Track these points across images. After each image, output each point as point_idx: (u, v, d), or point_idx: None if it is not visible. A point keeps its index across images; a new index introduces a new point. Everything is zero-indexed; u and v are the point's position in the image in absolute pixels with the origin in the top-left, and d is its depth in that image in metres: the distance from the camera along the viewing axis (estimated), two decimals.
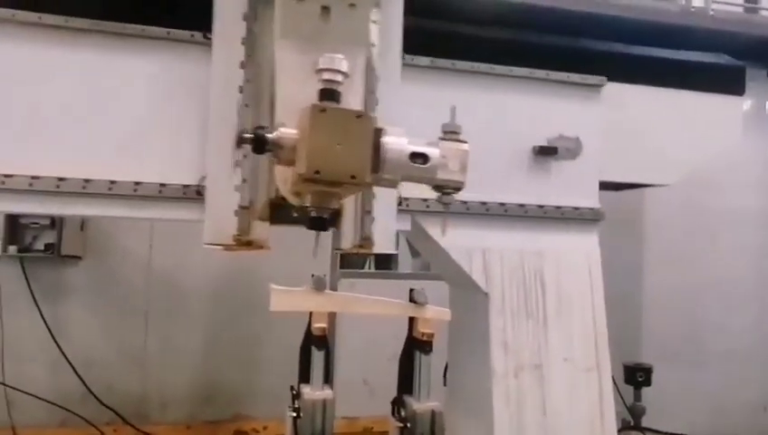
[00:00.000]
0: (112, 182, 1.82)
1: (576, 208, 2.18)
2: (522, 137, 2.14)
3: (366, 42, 1.56)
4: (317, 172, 1.22)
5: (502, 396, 1.99)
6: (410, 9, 1.82)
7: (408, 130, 1.80)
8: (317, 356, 1.39)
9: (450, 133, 1.37)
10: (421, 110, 1.95)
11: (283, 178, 1.44)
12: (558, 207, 2.16)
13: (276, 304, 1.38)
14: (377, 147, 1.26)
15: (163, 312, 3.59)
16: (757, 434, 4.18)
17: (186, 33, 1.88)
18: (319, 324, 1.39)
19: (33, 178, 1.77)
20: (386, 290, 3.78)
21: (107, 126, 1.83)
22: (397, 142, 1.28)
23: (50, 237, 3.36)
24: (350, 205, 1.81)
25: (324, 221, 1.38)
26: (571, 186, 2.18)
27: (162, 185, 1.85)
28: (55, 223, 3.31)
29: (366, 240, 1.79)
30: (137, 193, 1.84)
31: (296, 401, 1.40)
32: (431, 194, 2.02)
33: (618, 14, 2.47)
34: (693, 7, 3.06)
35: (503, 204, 2.11)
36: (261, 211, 1.68)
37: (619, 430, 3.66)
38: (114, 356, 3.46)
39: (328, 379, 1.42)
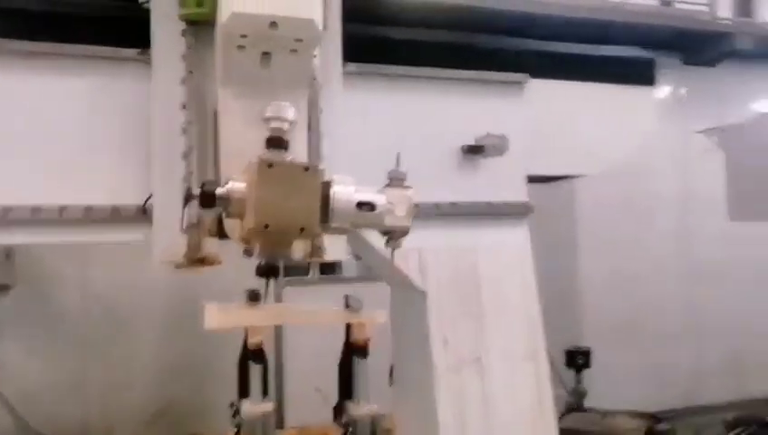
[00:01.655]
0: (62, 208, 1.77)
1: (506, 203, 2.26)
2: (450, 137, 2.20)
3: (308, 83, 1.58)
4: (266, 226, 1.24)
5: (444, 391, 2.04)
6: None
7: (342, 138, 1.87)
8: (255, 370, 1.40)
9: (396, 180, 1.42)
10: (353, 116, 2.01)
11: (231, 227, 1.46)
12: (489, 203, 2.23)
13: (210, 322, 1.38)
14: (325, 198, 1.29)
15: (103, 336, 3.47)
16: (690, 403, 4.42)
17: (128, 52, 1.84)
18: (255, 339, 1.40)
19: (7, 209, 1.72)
20: (332, 295, 3.77)
21: (48, 150, 1.79)
22: (344, 192, 1.32)
23: None
24: None
25: (276, 269, 1.39)
26: (501, 182, 2.26)
27: (113, 208, 1.82)
28: None
29: (317, 249, 1.81)
30: (88, 217, 1.80)
31: (236, 417, 1.41)
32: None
33: (540, 11, 2.57)
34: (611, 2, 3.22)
35: (436, 204, 2.16)
36: (210, 227, 1.68)
37: (563, 413, 3.82)
38: (53, 386, 3.33)
39: (267, 392, 1.43)
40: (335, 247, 1.84)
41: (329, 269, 4.23)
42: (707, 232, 4.54)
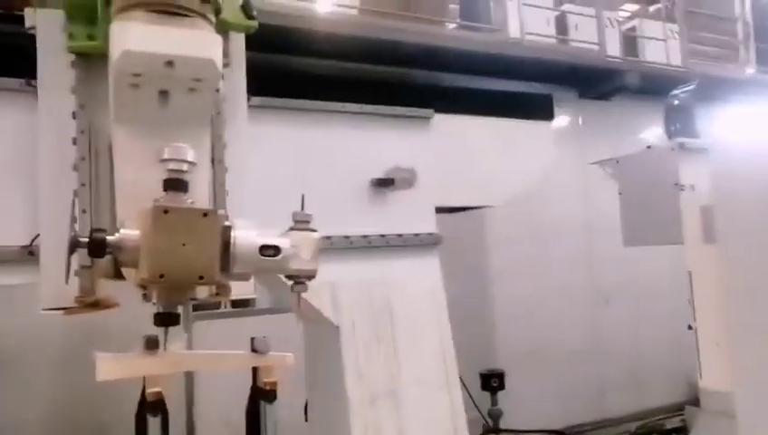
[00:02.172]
0: None
1: (416, 235, 2.29)
2: (360, 170, 2.22)
3: (208, 122, 1.53)
4: (161, 276, 1.18)
5: (359, 425, 2.02)
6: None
7: (248, 173, 1.83)
8: (153, 423, 1.32)
9: (301, 223, 1.40)
10: (260, 150, 1.99)
11: (128, 272, 1.38)
12: (399, 235, 2.26)
13: (103, 373, 1.29)
14: (226, 244, 1.25)
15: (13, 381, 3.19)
16: (596, 417, 4.64)
17: (12, 81, 1.73)
18: (153, 389, 1.32)
19: None
20: (244, 328, 3.68)
21: None
22: (246, 237, 1.27)
23: None
24: None
25: (175, 317, 1.33)
26: (410, 214, 2.29)
27: None
28: None
29: (222, 288, 1.75)
30: None
31: None
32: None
33: (444, 44, 2.67)
34: (511, 38, 3.41)
35: (347, 236, 2.16)
36: (106, 268, 1.58)
37: (482, 434, 3.89)
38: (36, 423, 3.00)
39: None
40: (242, 285, 1.79)
41: (240, 302, 4.12)
42: (607, 256, 4.83)
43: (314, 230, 1.38)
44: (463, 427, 2.17)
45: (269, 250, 1.28)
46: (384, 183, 2.23)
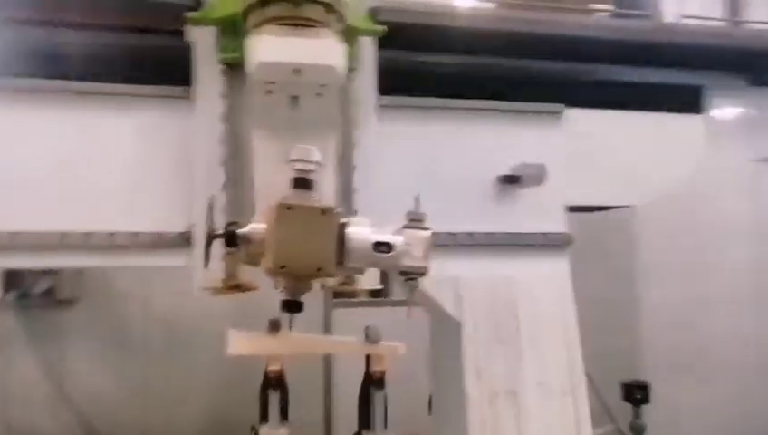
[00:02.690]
0: (111, 234, 1.91)
1: (544, 234, 2.23)
2: (486, 167, 2.20)
3: (335, 124, 1.65)
4: (283, 267, 1.31)
5: (477, 422, 2.03)
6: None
7: (376, 172, 1.93)
8: (273, 397, 1.45)
9: (414, 221, 1.46)
10: (387, 149, 2.07)
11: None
12: (526, 234, 2.21)
13: (234, 348, 1.45)
14: (341, 240, 1.35)
15: (163, 349, 3.66)
16: None
17: (173, 89, 1.97)
18: (273, 367, 1.46)
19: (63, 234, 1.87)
20: (381, 317, 3.82)
21: (101, 181, 1.93)
22: (360, 233, 1.38)
23: (47, 283, 3.46)
24: None
25: (299, 305, 1.46)
26: (538, 212, 2.23)
27: (158, 234, 1.93)
28: (52, 269, 3.41)
29: (349, 278, 1.87)
30: (135, 243, 1.93)
31: None
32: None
33: (590, 34, 2.52)
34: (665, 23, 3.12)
35: (470, 233, 2.17)
36: (245, 256, 1.76)
37: None
38: (117, 394, 3.53)
39: (286, 417, 1.48)
40: (369, 275, 1.88)
41: (377, 291, 4.27)
42: None
43: (427, 229, 1.41)
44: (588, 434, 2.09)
45: (382, 247, 1.35)
46: (511, 180, 2.20)
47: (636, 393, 3.66)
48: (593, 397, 3.36)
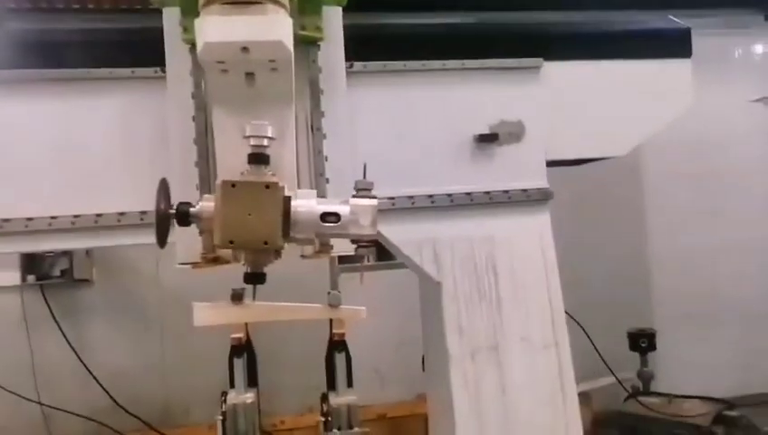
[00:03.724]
0: (98, 216, 2.00)
1: (524, 190, 2.23)
2: (464, 127, 2.20)
3: (291, 98, 1.67)
4: (231, 241, 1.36)
5: (459, 379, 2.08)
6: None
7: (357, 138, 1.95)
8: (238, 363, 1.52)
9: (362, 190, 1.49)
10: (360, 115, 2.08)
11: None
12: (505, 192, 2.21)
13: (199, 319, 1.52)
14: (287, 213, 1.38)
15: (177, 323, 3.79)
16: None
17: (148, 71, 2.02)
18: (235, 335, 1.53)
19: (52, 217, 1.98)
20: (386, 280, 3.89)
21: (82, 164, 2.00)
22: (306, 205, 1.41)
23: (64, 264, 3.61)
24: None
25: (261, 276, 1.50)
26: (518, 169, 2.23)
27: (143, 213, 2.01)
28: (67, 251, 3.56)
29: (324, 246, 1.92)
30: (120, 223, 2.02)
31: (223, 406, 1.55)
32: (379, 193, 2.17)
33: None
34: None
35: (449, 195, 2.18)
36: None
37: (627, 397, 3.71)
38: (135, 368, 3.71)
39: (254, 383, 1.55)
40: (343, 241, 1.93)
41: (384, 256, 4.33)
42: None
43: (374, 197, 1.44)
44: (571, 389, 2.12)
45: (330, 217, 1.38)
46: (488, 138, 2.20)
47: (641, 341, 3.66)
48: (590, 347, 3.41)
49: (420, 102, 2.18)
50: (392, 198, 2.14)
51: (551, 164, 2.29)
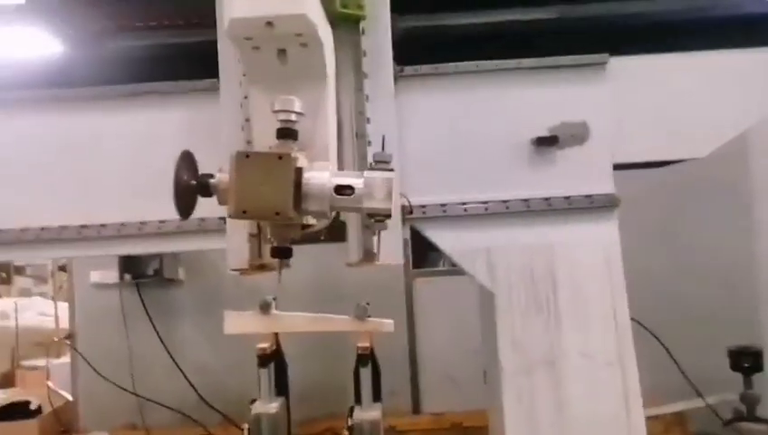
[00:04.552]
0: (162, 222, 2.12)
1: (587, 197, 2.08)
2: (521, 130, 2.10)
3: (325, 75, 1.66)
4: (244, 212, 1.37)
5: (513, 394, 1.99)
6: None
7: (407, 142, 1.93)
8: (263, 373, 1.54)
9: (380, 163, 1.45)
10: (414, 119, 2.06)
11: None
12: (566, 198, 2.08)
13: (229, 327, 1.56)
14: (298, 183, 1.37)
15: None
16: None
17: (206, 82, 2.11)
18: (262, 344, 1.54)
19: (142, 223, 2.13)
20: (460, 286, 3.81)
21: (155, 173, 2.13)
22: (318, 177, 1.39)
23: (156, 264, 3.87)
24: (352, 219, 1.94)
25: (288, 251, 1.51)
26: (581, 173, 2.09)
27: (201, 220, 2.11)
28: (157, 253, 3.81)
29: (368, 254, 1.92)
30: (180, 230, 2.13)
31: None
32: (430, 199, 2.13)
33: None
34: None
35: (505, 201, 2.09)
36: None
37: (728, 420, 3.37)
38: (218, 364, 3.89)
39: (282, 392, 1.56)
40: (390, 250, 1.92)
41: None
42: None
43: (391, 170, 1.39)
44: (637, 407, 1.95)
45: (344, 190, 1.35)
46: (547, 141, 2.08)
47: (744, 361, 3.31)
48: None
49: (474, 105, 2.11)
50: (444, 205, 2.09)
51: (619, 168, 2.13)
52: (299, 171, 1.38)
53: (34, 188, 2.16)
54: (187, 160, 1.49)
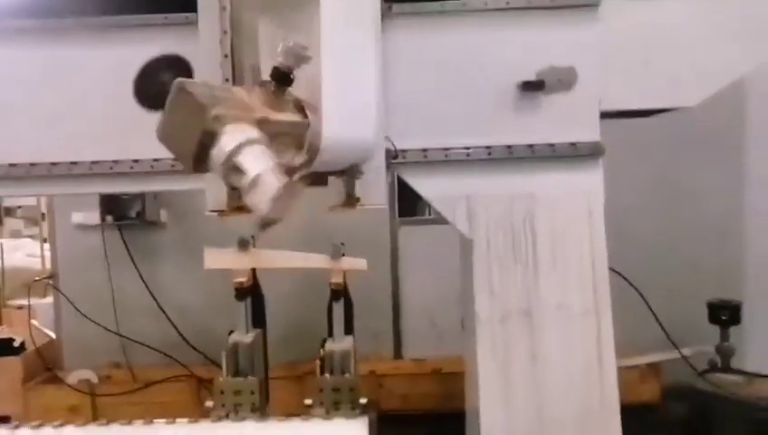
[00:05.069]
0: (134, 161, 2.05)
1: (572, 144, 2.03)
2: (508, 74, 2.02)
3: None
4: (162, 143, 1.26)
5: (487, 342, 1.99)
6: None
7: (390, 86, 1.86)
8: (240, 306, 1.56)
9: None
10: (396, 61, 1.98)
11: None
12: (550, 145, 2.03)
13: (209, 262, 1.55)
14: (203, 143, 1.20)
15: None
16: None
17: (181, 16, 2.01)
18: (239, 279, 1.56)
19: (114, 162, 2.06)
20: (445, 233, 3.79)
21: (127, 111, 2.02)
22: (223, 144, 1.21)
23: (138, 206, 3.82)
24: None
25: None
26: (567, 120, 2.03)
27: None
28: (139, 194, 3.75)
29: (350, 198, 1.88)
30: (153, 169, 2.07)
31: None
32: (412, 144, 2.07)
33: None
34: None
35: (487, 147, 2.04)
36: None
37: (703, 371, 3.43)
38: (203, 305, 3.89)
39: (258, 325, 1.59)
40: (372, 194, 1.89)
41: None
42: None
43: (283, 179, 1.25)
44: (610, 358, 1.96)
45: (235, 170, 1.21)
46: (532, 86, 2.01)
47: (722, 314, 3.34)
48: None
49: (458, 47, 2.02)
50: (425, 150, 2.03)
51: (607, 116, 2.07)
52: (209, 133, 1.21)
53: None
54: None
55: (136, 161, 2.07)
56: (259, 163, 1.23)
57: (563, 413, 1.94)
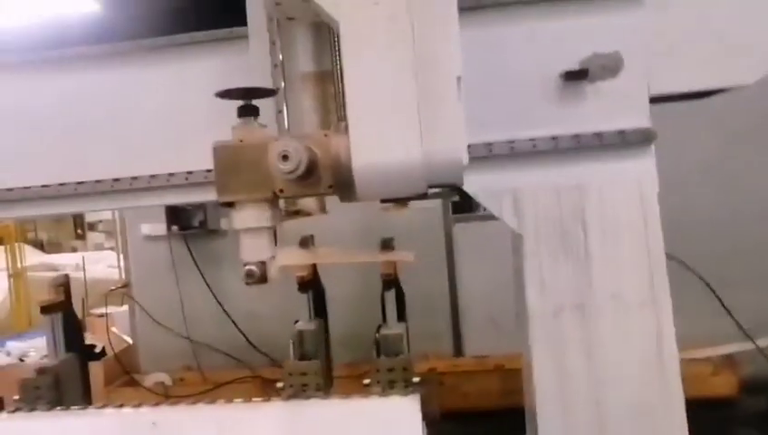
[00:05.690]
0: (189, 173, 2.16)
1: (620, 132, 1.98)
2: (551, 63, 1.99)
3: None
4: None
5: (541, 337, 1.96)
6: None
7: None
8: (303, 298, 1.72)
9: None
10: None
11: None
12: (597, 135, 1.98)
13: (279, 260, 1.67)
14: None
15: None
16: None
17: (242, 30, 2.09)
18: (300, 273, 1.71)
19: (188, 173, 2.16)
20: (498, 229, 3.77)
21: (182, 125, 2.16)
22: None
23: (201, 216, 3.99)
24: None
25: None
26: (615, 107, 1.98)
27: None
28: (202, 204, 3.92)
29: (401, 199, 1.93)
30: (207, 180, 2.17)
31: None
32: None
33: None
34: None
35: (532, 139, 2.01)
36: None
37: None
38: (266, 309, 4.02)
39: (320, 315, 1.73)
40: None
41: None
42: None
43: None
44: (672, 349, 1.90)
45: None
46: (576, 75, 1.97)
47: None
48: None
49: (498, 39, 2.00)
50: (468, 146, 2.02)
51: (659, 100, 2.01)
52: None
53: (69, 144, 2.23)
54: None
55: (190, 173, 2.17)
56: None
57: (622, 408, 1.89)
